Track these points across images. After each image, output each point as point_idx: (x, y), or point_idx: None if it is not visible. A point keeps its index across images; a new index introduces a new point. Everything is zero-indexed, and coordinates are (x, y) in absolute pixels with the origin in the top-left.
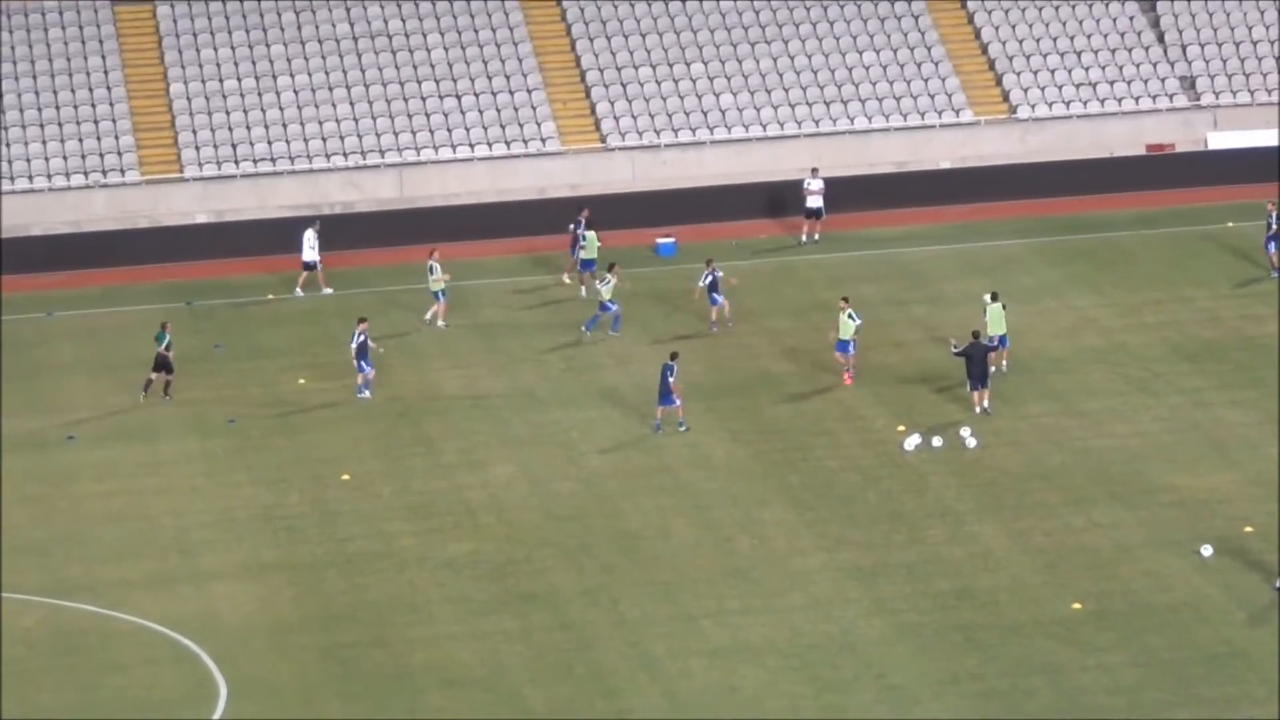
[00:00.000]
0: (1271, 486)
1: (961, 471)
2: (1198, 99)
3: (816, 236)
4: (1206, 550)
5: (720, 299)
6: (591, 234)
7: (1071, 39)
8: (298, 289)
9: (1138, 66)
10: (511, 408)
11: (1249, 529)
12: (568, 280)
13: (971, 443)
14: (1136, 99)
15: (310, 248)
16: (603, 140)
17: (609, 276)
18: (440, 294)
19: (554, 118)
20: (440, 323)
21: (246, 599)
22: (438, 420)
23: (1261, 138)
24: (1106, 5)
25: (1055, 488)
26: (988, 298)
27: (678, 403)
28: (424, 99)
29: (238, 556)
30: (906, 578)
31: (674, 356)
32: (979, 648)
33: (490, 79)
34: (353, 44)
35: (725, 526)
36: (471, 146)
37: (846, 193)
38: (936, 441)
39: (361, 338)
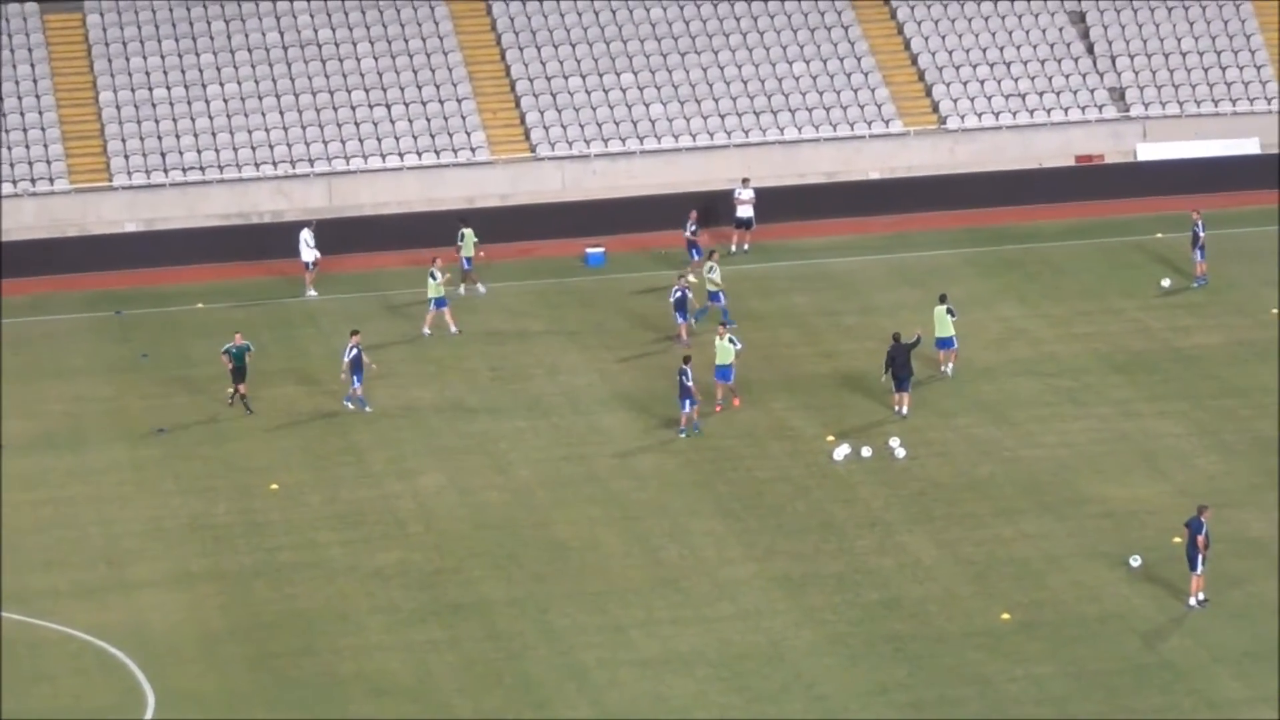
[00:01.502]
0: (1200, 497)
1: (891, 482)
2: (1127, 110)
3: (746, 246)
4: (1135, 561)
5: (688, 316)
6: (468, 231)
7: (1001, 50)
8: (310, 291)
9: (1067, 78)
10: (440, 417)
11: (1177, 540)
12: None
13: (900, 453)
14: (1066, 110)
15: (309, 246)
16: (532, 150)
17: (714, 265)
18: (440, 301)
19: (484, 127)
20: (452, 329)
21: (175, 608)
22: (366, 430)
23: (1191, 149)
24: (1036, 17)
25: (984, 498)
26: (939, 302)
27: (698, 403)
28: (354, 108)
29: (166, 566)
30: (836, 588)
31: (687, 360)
32: (908, 658)
33: (420, 88)
34: (282, 53)
35: (655, 537)
36: (401, 156)
37: (777, 203)
38: (866, 452)
39: (354, 351)
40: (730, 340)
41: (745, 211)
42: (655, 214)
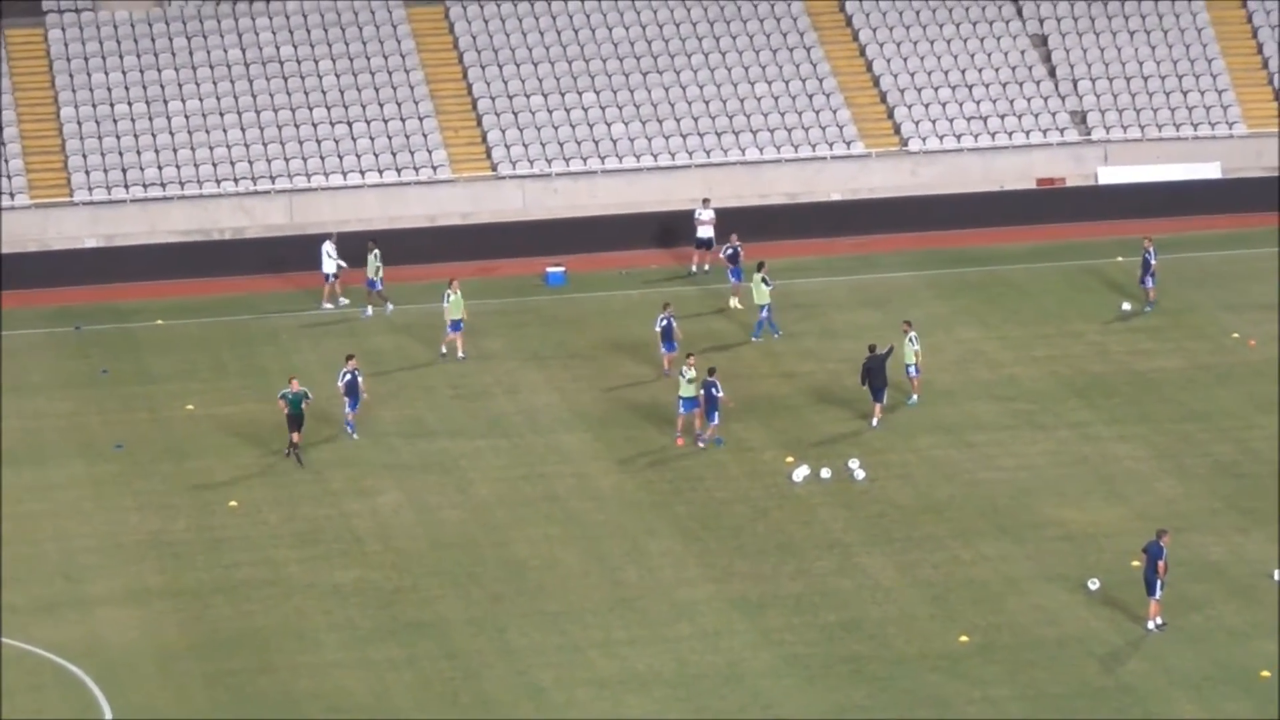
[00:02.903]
0: (1159, 521)
1: (850, 503)
2: (1088, 133)
3: (707, 267)
4: (1094, 584)
5: (675, 346)
6: (377, 253)
7: (963, 72)
8: (325, 303)
9: (1029, 100)
10: (400, 436)
11: (1136, 564)
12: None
13: (860, 474)
14: (1027, 133)
15: (330, 257)
16: (494, 168)
17: (766, 277)
18: (455, 324)
19: (445, 145)
20: (459, 354)
21: (132, 625)
22: (326, 447)
23: (1152, 173)
24: (998, 39)
25: (944, 520)
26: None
27: (717, 420)
28: (315, 125)
29: (124, 582)
30: (794, 609)
31: (713, 372)
32: (866, 680)
33: (382, 106)
34: (244, 69)
35: (613, 557)
36: (362, 173)
37: (738, 223)
38: (825, 473)
39: (349, 376)
40: (684, 371)
41: (706, 232)
42: (616, 233)
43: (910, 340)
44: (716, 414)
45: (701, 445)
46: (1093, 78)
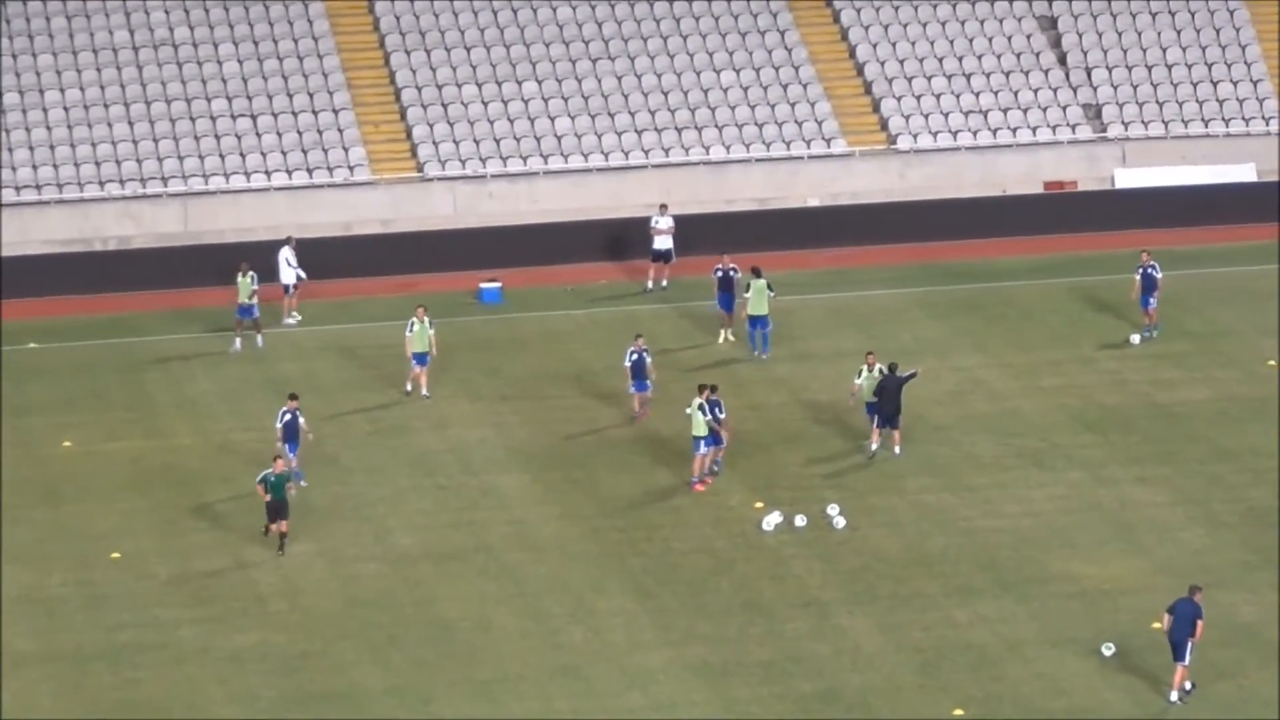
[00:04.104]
0: (1183, 576)
1: (828, 555)
2: (1104, 130)
3: (665, 283)
4: (1108, 649)
5: (648, 385)
6: (252, 275)
7: (960, 60)
8: (286, 318)
9: (1035, 92)
10: (309, 475)
11: (1157, 625)
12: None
13: (839, 522)
14: (1034, 130)
15: (289, 266)
16: (420, 169)
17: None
18: (422, 357)
19: (364, 142)
20: (423, 391)
21: None
22: (223, 489)
23: (1177, 175)
24: (1001, 22)
25: (935, 575)
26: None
27: (724, 443)
28: (213, 119)
29: None
30: (763, 678)
31: (712, 390)
32: None
33: (291, 96)
34: (132, 54)
35: (555, 616)
36: (268, 175)
37: (700, 233)
38: (800, 520)
39: (288, 416)
40: (702, 408)
41: (663, 242)
42: (560, 244)
43: (879, 372)
44: (719, 437)
45: (709, 480)
46: (1109, 66)
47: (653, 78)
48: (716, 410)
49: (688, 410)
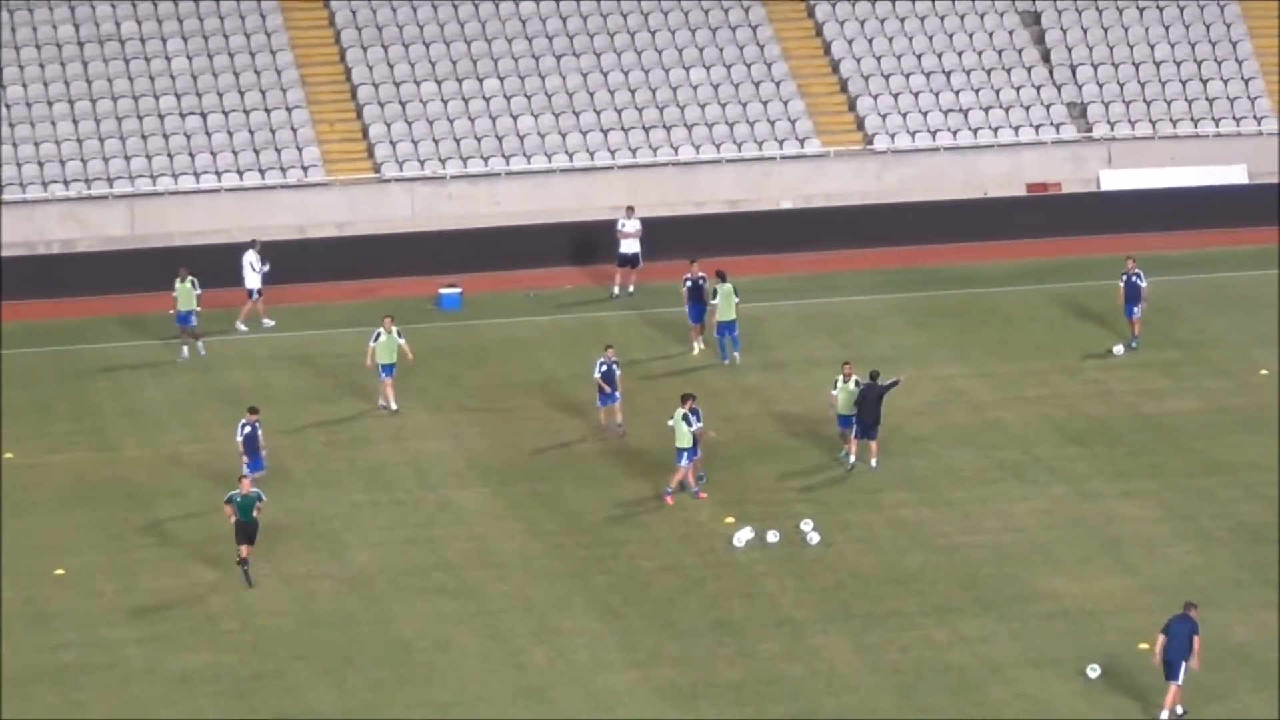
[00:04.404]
0: (1172, 595)
1: (801, 573)
2: (1089, 130)
3: (632, 289)
4: (1094, 671)
5: (617, 397)
6: (192, 280)
7: (939, 56)
8: (239, 323)
9: (1018, 90)
10: (262, 489)
11: (1144, 645)
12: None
13: (813, 538)
14: (1016, 129)
15: (253, 270)
16: (376, 169)
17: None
18: (387, 369)
19: (318, 142)
20: (392, 404)
21: None
22: (172, 503)
23: (1164, 177)
24: (982, 17)
25: (913, 594)
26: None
27: (698, 455)
28: (162, 117)
29: None
30: (734, 700)
31: (689, 399)
32: None
33: (242, 93)
34: (77, 50)
35: (517, 636)
36: (219, 175)
37: (669, 236)
38: (772, 536)
39: (248, 429)
40: (686, 417)
41: (630, 246)
42: (522, 248)
43: (854, 384)
44: (696, 449)
45: (703, 496)
46: (1094, 63)
47: (619, 74)
48: (697, 420)
49: (670, 422)
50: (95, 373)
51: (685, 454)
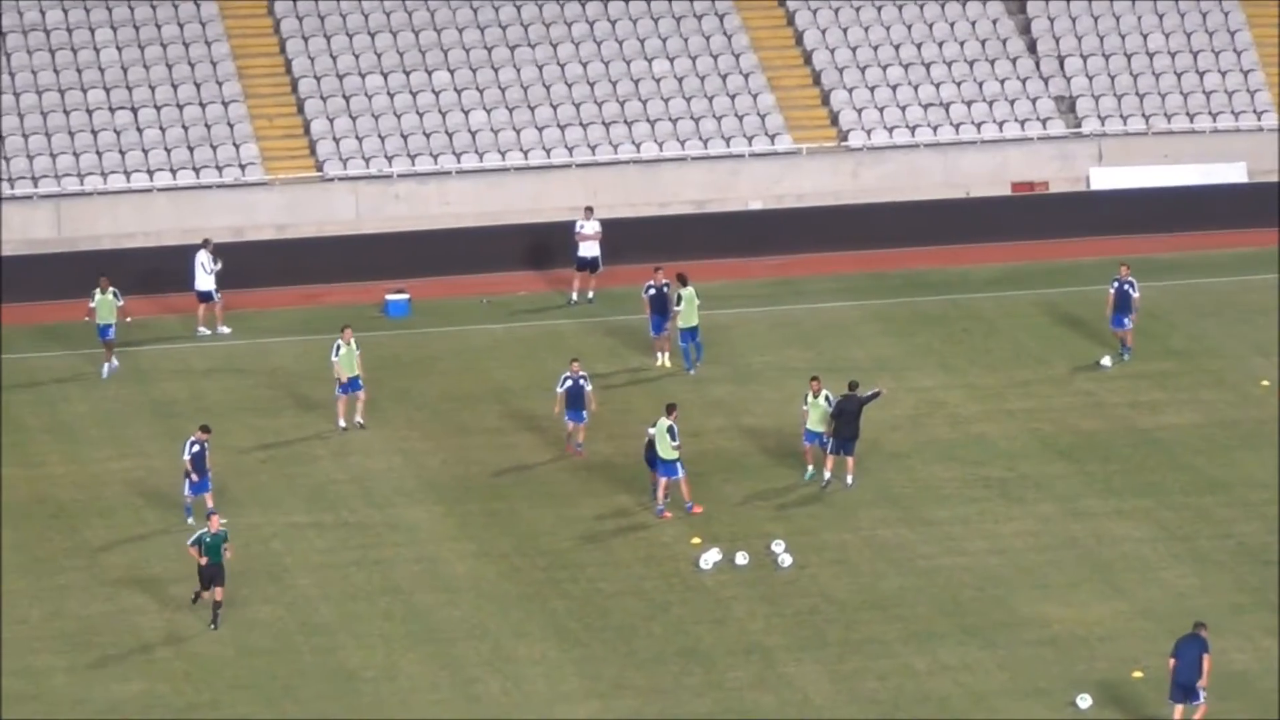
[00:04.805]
0: (1167, 620)
1: (773, 597)
2: (1078, 125)
3: (591, 294)
4: (1084, 701)
5: (585, 415)
6: (112, 291)
7: (918, 47)
8: (200, 326)
9: (1002, 83)
10: (195, 509)
11: (1139, 674)
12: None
13: (785, 560)
14: (1000, 125)
15: (207, 273)
16: (319, 168)
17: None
18: (352, 383)
19: (256, 138)
20: (358, 419)
21: None
22: (101, 524)
23: (1158, 176)
24: (964, 6)
25: (892, 619)
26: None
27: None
28: (89, 112)
29: None
30: None
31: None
32: None
33: (176, 88)
34: None
35: (469, 665)
36: (150, 174)
37: (630, 239)
38: (741, 558)
39: (197, 448)
40: (671, 431)
41: (589, 250)
42: (475, 251)
43: (825, 400)
44: (676, 467)
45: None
46: (1083, 54)
47: (577, 66)
48: (674, 436)
49: (651, 430)
50: (17, 385)
51: (677, 465)
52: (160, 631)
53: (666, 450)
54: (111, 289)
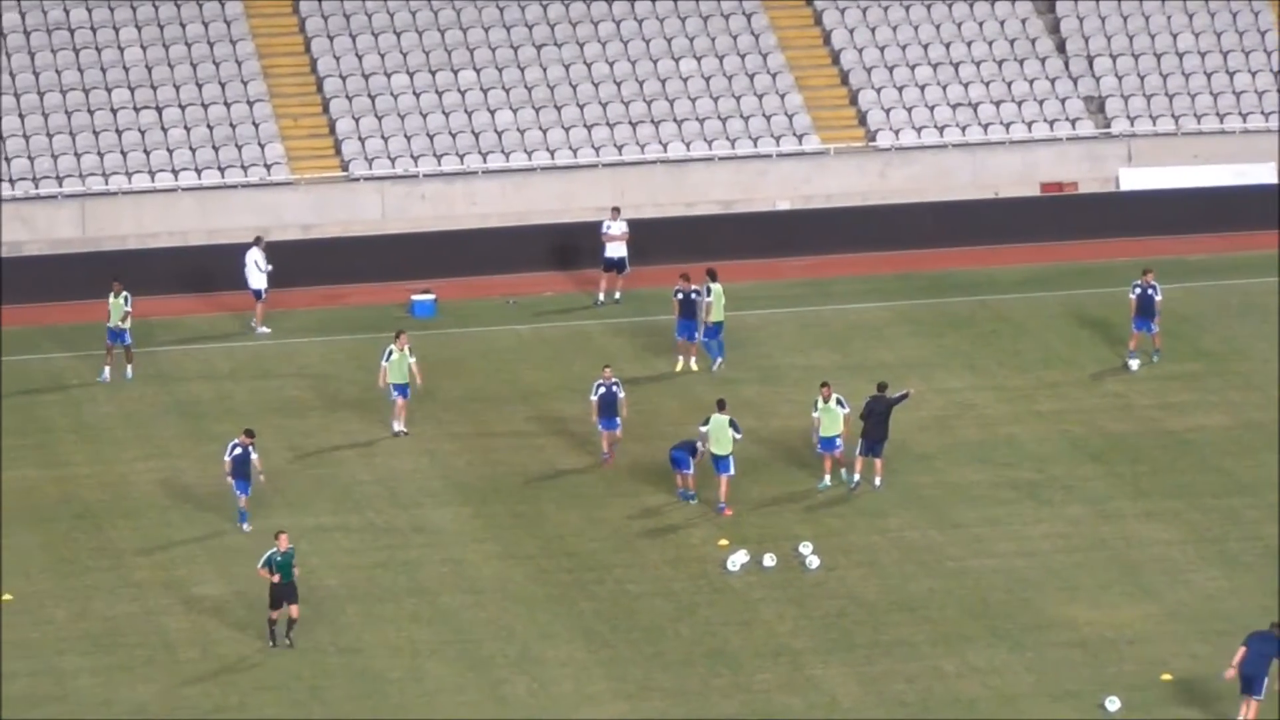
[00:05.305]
0: (1197, 622)
1: (800, 599)
2: (1107, 126)
3: (618, 295)
4: (1112, 703)
5: (618, 423)
6: (126, 295)
7: (947, 47)
8: (258, 325)
9: (1031, 84)
10: (222, 510)
11: (1167, 676)
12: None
13: (813, 562)
14: (1029, 125)
15: (260, 271)
16: (344, 168)
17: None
18: (401, 389)
19: (282, 138)
20: (401, 426)
21: None
22: (127, 525)
23: (1188, 176)
24: (993, 5)
25: (920, 621)
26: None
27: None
28: (114, 112)
29: None
30: None
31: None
32: None
33: (200, 87)
34: (23, 40)
35: (496, 666)
36: (175, 174)
37: (658, 239)
38: (769, 560)
39: (239, 450)
40: (733, 425)
41: (616, 250)
42: (501, 251)
43: (838, 403)
44: (689, 461)
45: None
46: (1113, 54)
47: (604, 66)
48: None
49: (703, 428)
50: (44, 385)
51: (730, 461)
52: (186, 633)
53: (725, 445)
54: (124, 292)
